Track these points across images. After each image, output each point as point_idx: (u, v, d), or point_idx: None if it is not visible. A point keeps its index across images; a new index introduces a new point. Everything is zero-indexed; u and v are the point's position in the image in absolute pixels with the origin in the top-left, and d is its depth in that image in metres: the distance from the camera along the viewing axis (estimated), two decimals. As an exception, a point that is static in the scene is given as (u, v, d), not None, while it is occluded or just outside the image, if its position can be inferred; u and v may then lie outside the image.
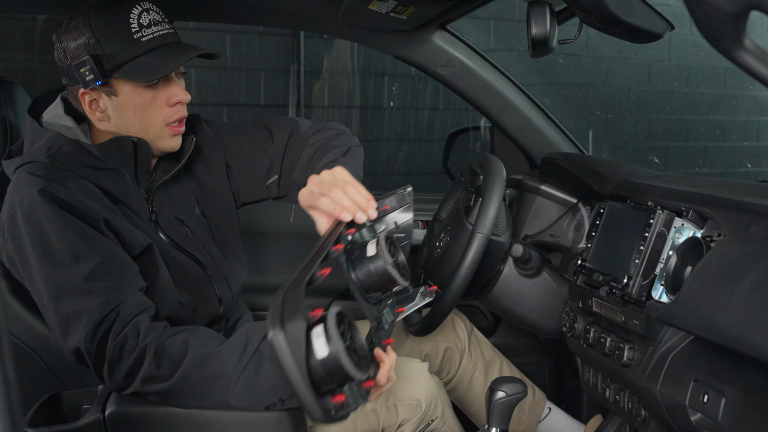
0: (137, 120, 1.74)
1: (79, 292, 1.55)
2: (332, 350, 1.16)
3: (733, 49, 0.90)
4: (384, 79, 4.47)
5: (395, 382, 1.88)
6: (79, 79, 1.69)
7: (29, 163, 1.69)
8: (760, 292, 1.24)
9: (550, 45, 1.66)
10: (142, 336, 1.54)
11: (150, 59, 1.69)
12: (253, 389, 1.51)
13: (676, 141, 5.78)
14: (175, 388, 1.53)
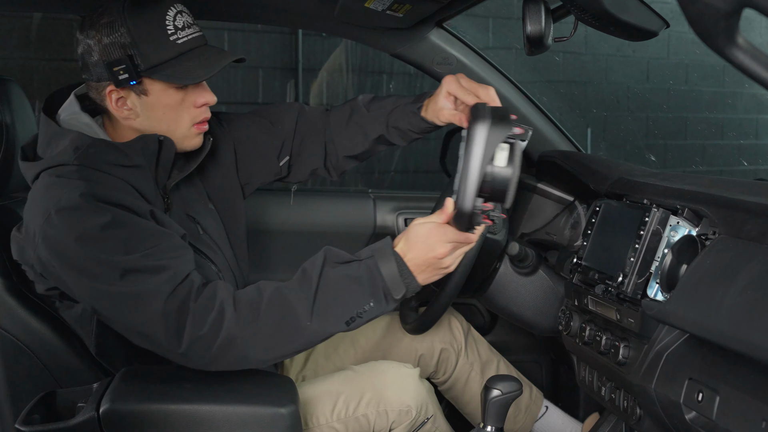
0: (165, 119, 1.76)
1: (145, 272, 1.57)
2: (510, 167, 1.34)
3: (726, 47, 0.90)
4: (382, 77, 4.47)
5: (386, 388, 1.90)
6: (111, 77, 1.69)
7: (57, 166, 1.69)
8: (754, 290, 1.24)
9: (545, 43, 1.66)
10: (218, 294, 1.59)
11: (186, 62, 1.71)
12: (330, 307, 1.58)
13: (674, 139, 5.79)
14: (261, 329, 1.57)
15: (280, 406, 1.62)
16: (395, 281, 1.59)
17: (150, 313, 1.57)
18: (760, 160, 6.05)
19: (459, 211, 1.44)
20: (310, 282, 1.59)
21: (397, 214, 2.78)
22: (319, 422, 1.89)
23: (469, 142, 1.37)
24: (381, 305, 1.59)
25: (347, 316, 1.58)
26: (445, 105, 1.85)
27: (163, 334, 1.57)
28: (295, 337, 1.59)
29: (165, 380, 1.71)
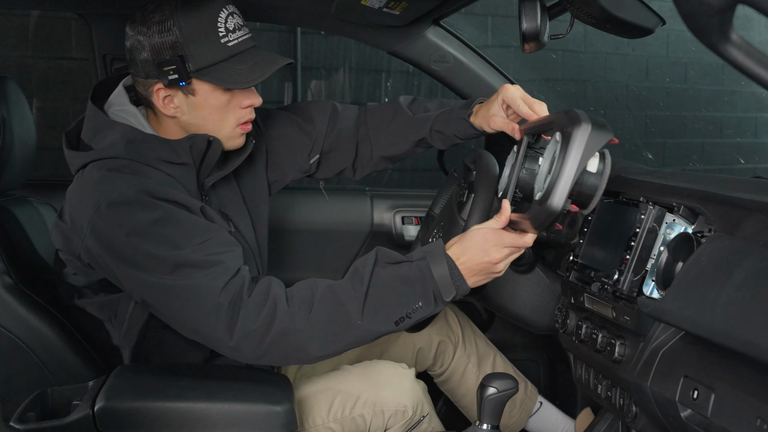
0: (211, 119, 1.77)
1: (197, 266, 1.59)
2: (599, 173, 1.41)
3: (719, 44, 0.90)
4: (381, 75, 4.46)
5: (382, 388, 1.90)
6: (160, 76, 1.71)
7: (108, 159, 1.71)
8: (749, 287, 1.23)
9: (541, 40, 1.65)
10: (271, 289, 1.62)
11: (235, 65, 1.72)
12: (381, 307, 1.61)
13: (673, 138, 5.78)
14: (313, 326, 1.59)
15: (275, 404, 1.62)
16: (446, 283, 1.62)
17: (202, 306, 1.58)
18: (757, 158, 6.04)
19: (545, 209, 1.45)
20: (361, 281, 1.61)
21: (394, 212, 2.78)
22: (315, 423, 1.89)
23: (570, 144, 1.40)
24: (430, 306, 1.62)
25: (397, 316, 1.61)
26: (499, 112, 1.88)
27: (214, 327, 1.58)
28: (346, 334, 1.61)
29: (161, 378, 1.71)
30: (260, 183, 2.08)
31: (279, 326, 1.57)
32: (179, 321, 1.64)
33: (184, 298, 1.59)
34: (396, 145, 2.13)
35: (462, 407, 2.38)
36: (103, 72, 2.45)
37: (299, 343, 1.59)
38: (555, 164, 1.44)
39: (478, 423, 1.65)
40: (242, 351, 1.60)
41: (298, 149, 2.13)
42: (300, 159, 2.14)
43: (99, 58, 2.43)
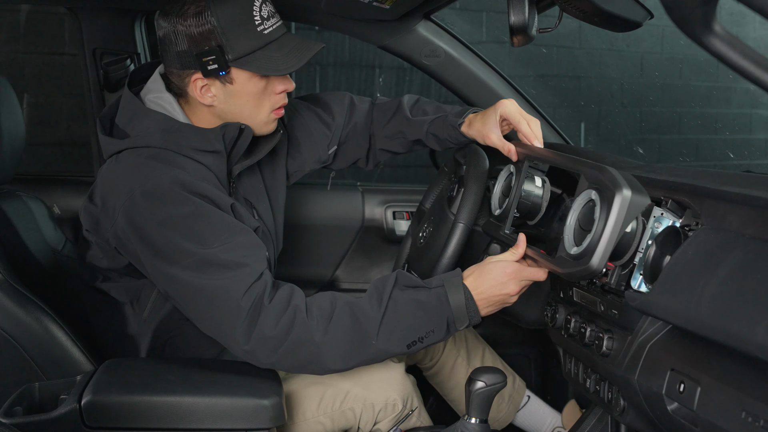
0: (248, 107, 1.80)
1: (221, 266, 1.62)
2: (633, 231, 1.49)
3: (702, 35, 0.90)
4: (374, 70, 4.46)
5: (372, 382, 1.91)
6: (199, 66, 1.72)
7: (144, 147, 1.73)
8: (735, 280, 1.23)
9: (529, 33, 1.65)
10: (293, 298, 1.65)
11: (272, 52, 1.74)
12: (396, 329, 1.65)
13: (668, 134, 5.78)
14: (329, 340, 1.63)
15: (263, 397, 1.62)
16: (461, 313, 1.68)
17: (223, 307, 1.61)
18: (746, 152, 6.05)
19: (586, 269, 1.50)
20: (380, 301, 1.65)
21: (385, 207, 2.78)
22: (305, 417, 1.89)
23: (612, 211, 1.45)
24: (442, 333, 1.69)
25: (410, 340, 1.66)
26: (494, 129, 1.91)
27: (233, 329, 1.61)
28: (360, 351, 1.65)
29: (148, 372, 1.71)
30: (280, 172, 2.11)
31: (296, 336, 1.61)
32: (199, 318, 1.68)
33: (207, 298, 1.63)
34: (394, 143, 2.20)
35: (451, 401, 2.39)
36: (92, 66, 2.44)
37: (313, 354, 1.63)
38: (596, 225, 1.48)
39: (467, 417, 1.65)
40: (256, 355, 1.63)
41: (318, 140, 2.16)
42: (320, 149, 2.17)
43: (89, 52, 2.43)
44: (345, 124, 2.20)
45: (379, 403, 1.90)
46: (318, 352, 1.62)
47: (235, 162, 1.87)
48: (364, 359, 1.67)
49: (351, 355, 1.65)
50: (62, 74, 3.62)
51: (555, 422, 2.32)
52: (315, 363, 1.64)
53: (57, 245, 2.21)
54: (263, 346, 1.61)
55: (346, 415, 1.90)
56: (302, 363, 1.65)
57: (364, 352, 1.65)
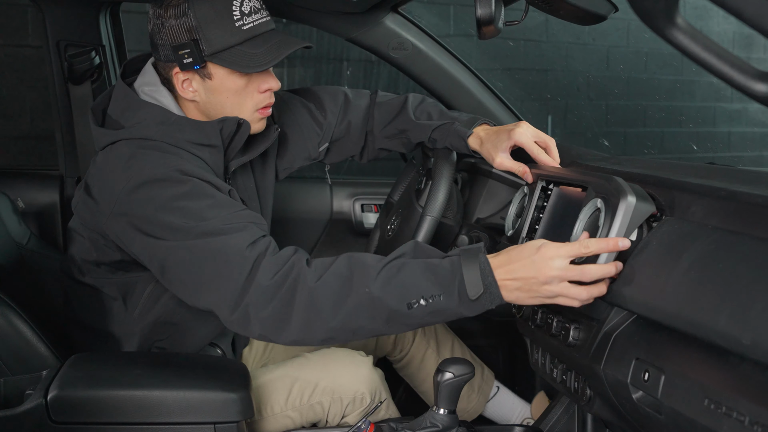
0: (228, 104, 1.78)
1: (224, 234, 1.58)
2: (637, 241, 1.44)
3: (665, 27, 0.91)
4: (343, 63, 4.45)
5: (340, 375, 1.91)
6: (176, 60, 1.72)
7: (139, 139, 1.71)
8: (697, 270, 1.25)
9: (496, 26, 1.65)
10: (296, 253, 1.59)
11: (250, 48, 1.72)
12: (395, 282, 1.49)
13: (634, 127, 5.83)
14: (320, 286, 1.52)
15: (231, 391, 1.62)
16: (474, 281, 1.48)
17: (227, 261, 1.56)
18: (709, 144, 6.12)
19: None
20: (387, 257, 1.55)
21: (353, 200, 2.78)
22: (273, 411, 1.89)
23: (616, 217, 1.44)
24: (452, 300, 1.48)
25: (411, 299, 1.48)
26: (506, 155, 1.90)
27: (232, 283, 1.54)
28: (351, 295, 1.50)
29: (115, 366, 1.70)
30: (270, 170, 2.09)
31: (291, 282, 1.52)
32: (196, 284, 1.59)
33: (209, 257, 1.58)
34: (394, 141, 2.17)
35: (421, 393, 2.40)
36: (56, 59, 2.41)
37: (305, 302, 1.51)
38: (601, 232, 1.47)
39: (435, 408, 1.66)
40: (250, 312, 1.53)
41: (308, 137, 2.14)
42: (310, 147, 2.15)
43: (52, 44, 2.40)
44: (338, 122, 2.18)
45: (347, 396, 1.91)
46: (310, 300, 1.50)
47: (232, 158, 1.86)
48: (356, 304, 1.49)
49: (342, 299, 1.50)
50: (26, 66, 3.57)
51: (524, 413, 2.33)
52: (306, 312, 1.51)
53: (21, 239, 2.18)
54: (259, 298, 1.52)
55: (314, 408, 1.91)
56: (293, 316, 1.52)
57: (356, 296, 1.49)
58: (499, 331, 2.72)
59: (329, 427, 1.97)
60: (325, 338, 1.54)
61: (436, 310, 1.49)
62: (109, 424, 1.58)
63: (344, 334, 1.53)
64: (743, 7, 0.83)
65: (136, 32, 2.25)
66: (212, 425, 1.59)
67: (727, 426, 1.13)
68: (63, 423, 1.56)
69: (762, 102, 0.87)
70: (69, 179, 2.55)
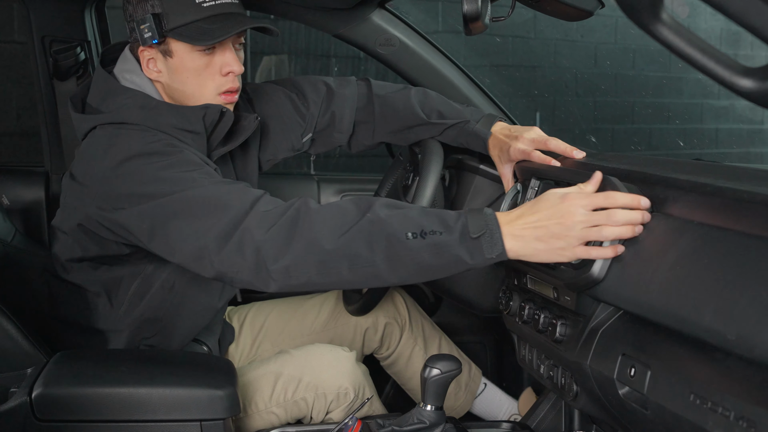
0: (189, 84, 1.78)
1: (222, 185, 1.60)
2: None
3: (650, 23, 0.91)
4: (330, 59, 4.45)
5: (324, 371, 1.90)
6: (138, 36, 1.74)
7: (121, 123, 1.72)
8: (683, 266, 1.26)
9: (482, 22, 1.65)
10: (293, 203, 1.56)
11: (207, 24, 1.72)
12: (396, 213, 1.47)
13: (621, 123, 5.85)
14: (322, 209, 1.51)
15: (217, 388, 1.62)
16: (477, 223, 1.44)
17: (222, 200, 1.56)
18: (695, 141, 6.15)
19: (586, 277, 1.47)
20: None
21: (341, 196, 2.77)
22: (258, 408, 1.89)
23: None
24: (453, 237, 1.43)
25: (411, 228, 1.44)
26: (507, 171, 1.93)
27: (230, 213, 1.53)
28: (350, 218, 1.48)
29: (100, 363, 1.69)
30: (252, 162, 2.07)
31: (295, 208, 1.52)
32: (187, 224, 1.56)
33: (201, 202, 1.57)
34: (398, 136, 2.16)
35: (409, 390, 2.40)
36: (42, 55, 2.40)
37: (306, 225, 1.49)
38: None
39: (422, 404, 1.66)
40: (248, 234, 1.50)
41: (291, 128, 2.12)
42: (293, 138, 2.14)
43: (37, 40, 2.38)
44: (321, 113, 2.16)
45: (331, 392, 1.91)
46: (311, 221, 1.48)
47: (214, 147, 1.85)
48: (356, 226, 1.46)
49: (343, 222, 1.48)
50: (11, 62, 3.55)
51: (511, 409, 2.34)
52: (308, 233, 1.48)
53: (6, 236, 2.17)
54: (259, 222, 1.50)
55: (298, 404, 1.91)
56: (295, 238, 1.48)
57: (356, 219, 1.47)
58: (486, 327, 2.72)
59: (317, 423, 1.97)
60: (319, 265, 1.47)
61: (436, 245, 1.44)
62: (95, 421, 1.57)
63: (340, 261, 1.47)
64: (729, 3, 0.83)
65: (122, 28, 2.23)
66: (198, 422, 1.59)
67: (712, 421, 1.13)
68: (48, 421, 1.55)
69: (747, 97, 0.87)
70: (55, 176, 2.54)
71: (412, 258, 1.45)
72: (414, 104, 2.10)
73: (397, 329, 2.31)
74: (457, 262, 1.45)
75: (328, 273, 1.48)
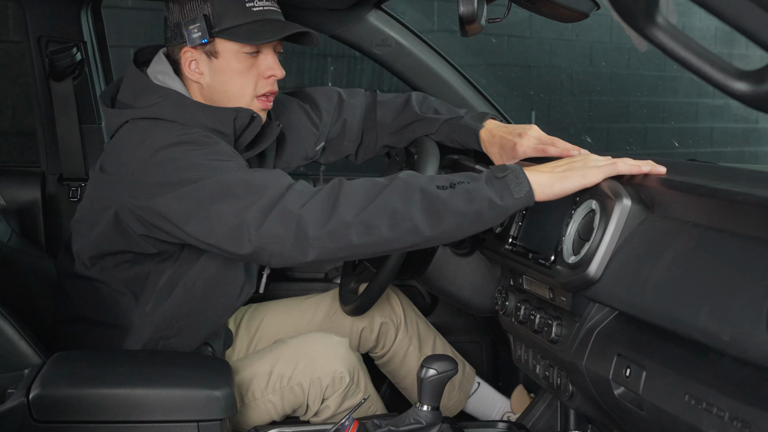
0: (232, 85, 1.82)
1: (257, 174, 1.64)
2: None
3: (646, 26, 0.91)
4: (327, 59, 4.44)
5: (318, 356, 1.92)
6: (186, 36, 1.77)
7: (154, 119, 1.75)
8: (679, 267, 1.26)
9: (478, 23, 1.66)
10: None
11: (257, 27, 1.78)
12: (419, 176, 1.57)
13: (616, 123, 5.86)
14: (353, 183, 1.56)
15: (214, 388, 1.62)
16: (501, 169, 1.54)
17: (258, 182, 1.59)
18: (690, 141, 6.15)
19: (583, 277, 1.48)
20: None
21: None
22: (255, 397, 1.91)
23: (611, 219, 1.45)
24: (480, 181, 1.51)
25: (440, 182, 1.53)
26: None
27: (269, 192, 1.56)
28: (387, 186, 1.54)
29: (98, 364, 1.69)
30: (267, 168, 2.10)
31: (329, 185, 1.57)
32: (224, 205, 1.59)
33: (238, 182, 1.60)
34: (397, 136, 2.19)
35: (403, 389, 2.41)
36: (37, 54, 2.39)
37: (346, 191, 1.54)
38: (595, 235, 1.47)
39: (419, 404, 1.67)
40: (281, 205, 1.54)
41: (305, 137, 2.16)
42: (307, 147, 2.17)
43: (33, 40, 2.38)
44: (333, 121, 2.20)
45: (326, 377, 1.92)
46: (349, 190, 1.54)
47: (239, 152, 1.86)
48: (389, 188, 1.53)
49: (377, 187, 1.54)
50: (7, 62, 3.55)
51: (505, 408, 2.35)
52: (344, 200, 1.52)
53: (2, 237, 2.17)
54: (299, 197, 1.55)
55: (294, 391, 1.92)
56: (339, 202, 1.52)
57: (385, 183, 1.54)
58: (482, 327, 2.73)
59: (313, 422, 1.98)
60: (359, 225, 1.51)
61: (467, 191, 1.50)
62: (92, 422, 1.57)
63: (379, 218, 1.51)
64: (723, 7, 0.83)
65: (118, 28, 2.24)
66: (195, 423, 1.59)
67: (707, 421, 1.14)
68: (45, 422, 1.55)
69: (741, 100, 0.88)
70: (50, 176, 2.54)
71: (446, 207, 1.49)
72: (412, 104, 2.15)
73: (393, 329, 2.32)
74: (490, 207, 1.50)
75: (369, 232, 1.51)
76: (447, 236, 1.55)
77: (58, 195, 2.53)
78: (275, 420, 1.96)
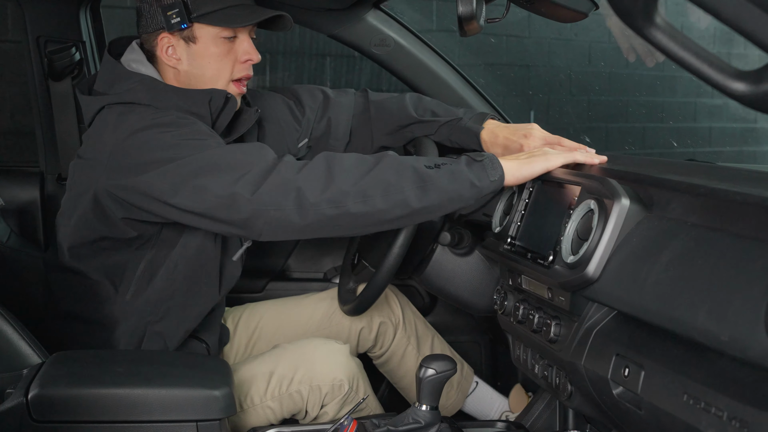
0: (209, 69, 1.84)
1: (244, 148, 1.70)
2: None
3: (644, 26, 0.91)
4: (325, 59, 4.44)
5: (318, 363, 1.91)
6: (164, 21, 1.79)
7: (129, 104, 1.77)
8: (677, 267, 1.26)
9: (477, 23, 1.66)
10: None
11: (234, 11, 1.80)
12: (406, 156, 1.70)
13: (615, 122, 5.86)
14: (343, 155, 1.65)
15: (213, 388, 1.62)
16: (479, 155, 1.69)
17: (247, 153, 1.65)
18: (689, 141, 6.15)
19: (581, 276, 1.49)
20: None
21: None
22: (253, 402, 1.90)
23: (609, 218, 1.45)
24: (461, 164, 1.66)
25: (426, 162, 1.65)
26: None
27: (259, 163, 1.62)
28: (378, 162, 1.64)
29: (97, 364, 1.69)
30: None
31: (320, 156, 1.64)
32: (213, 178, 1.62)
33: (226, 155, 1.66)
34: (394, 137, 2.20)
35: (401, 388, 2.41)
36: (36, 55, 2.39)
37: (326, 169, 1.62)
38: (593, 234, 1.47)
39: (418, 404, 1.67)
40: (277, 176, 1.60)
41: (287, 133, 2.16)
42: (289, 142, 2.17)
43: (32, 40, 2.38)
44: (317, 119, 2.20)
45: (326, 384, 1.92)
46: (341, 162, 1.63)
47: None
48: (382, 163, 1.64)
49: (369, 162, 1.65)
50: (5, 62, 3.54)
51: (503, 407, 2.35)
52: (339, 168, 1.62)
53: (1, 237, 2.17)
54: (291, 166, 1.62)
55: (293, 398, 1.92)
56: (331, 172, 1.62)
57: (377, 158, 1.66)
58: (480, 327, 2.73)
59: (312, 423, 1.97)
60: (357, 194, 1.60)
61: (451, 171, 1.64)
62: (91, 422, 1.57)
63: (375, 188, 1.61)
64: (721, 7, 0.83)
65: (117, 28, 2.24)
66: (194, 423, 1.59)
67: (705, 421, 1.14)
68: (44, 422, 1.55)
69: (740, 101, 0.88)
70: (49, 176, 2.54)
71: (433, 183, 1.62)
72: (407, 105, 2.14)
73: (391, 328, 2.32)
74: (471, 186, 1.65)
75: (365, 202, 1.60)
76: (427, 212, 1.66)
77: (56, 195, 2.53)
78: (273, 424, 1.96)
